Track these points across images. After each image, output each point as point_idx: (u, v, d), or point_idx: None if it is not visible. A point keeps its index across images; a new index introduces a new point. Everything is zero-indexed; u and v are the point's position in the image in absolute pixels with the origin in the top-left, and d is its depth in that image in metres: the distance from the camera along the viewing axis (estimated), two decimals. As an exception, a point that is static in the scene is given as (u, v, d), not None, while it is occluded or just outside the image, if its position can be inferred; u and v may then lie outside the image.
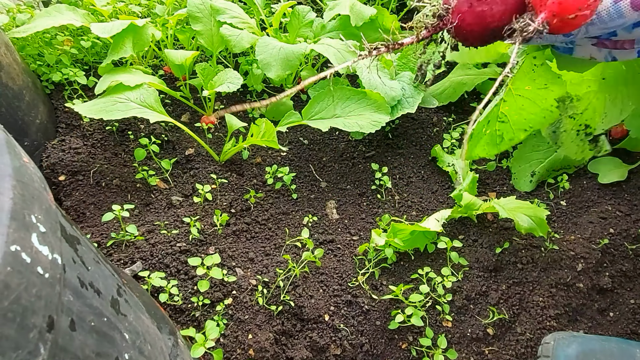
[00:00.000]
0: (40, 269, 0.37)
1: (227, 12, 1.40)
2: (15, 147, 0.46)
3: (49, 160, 1.21)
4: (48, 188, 0.50)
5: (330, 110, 1.24)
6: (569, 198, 1.24)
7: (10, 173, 0.40)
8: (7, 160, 0.41)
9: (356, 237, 1.15)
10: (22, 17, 1.41)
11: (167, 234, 1.07)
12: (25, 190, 0.41)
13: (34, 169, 0.48)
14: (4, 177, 0.39)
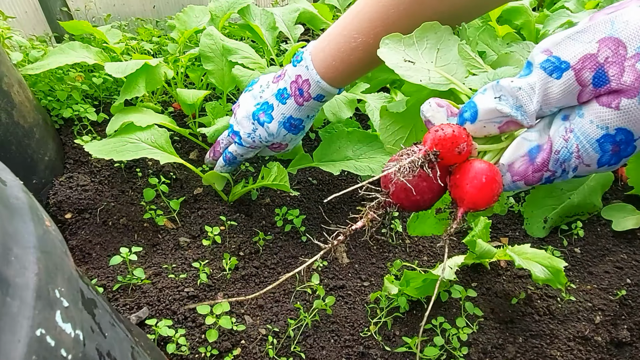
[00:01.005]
0: (63, 351, 0.35)
1: (238, 52, 1.42)
2: (37, 211, 0.45)
3: (55, 197, 1.20)
4: (68, 251, 0.48)
5: (341, 153, 1.24)
6: (583, 245, 1.22)
7: (34, 243, 0.39)
8: (31, 228, 0.40)
9: (367, 283, 1.12)
10: (36, 53, 1.43)
11: (174, 278, 1.05)
12: (49, 261, 0.39)
13: (55, 232, 0.46)
14: (28, 249, 0.38)
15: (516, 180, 0.49)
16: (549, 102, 0.46)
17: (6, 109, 1.11)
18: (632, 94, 0.40)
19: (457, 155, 0.47)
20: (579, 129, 0.45)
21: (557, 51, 0.45)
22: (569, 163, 0.46)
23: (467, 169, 0.48)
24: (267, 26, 1.58)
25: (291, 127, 1.08)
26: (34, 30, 1.80)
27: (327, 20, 1.76)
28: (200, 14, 1.59)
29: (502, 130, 0.49)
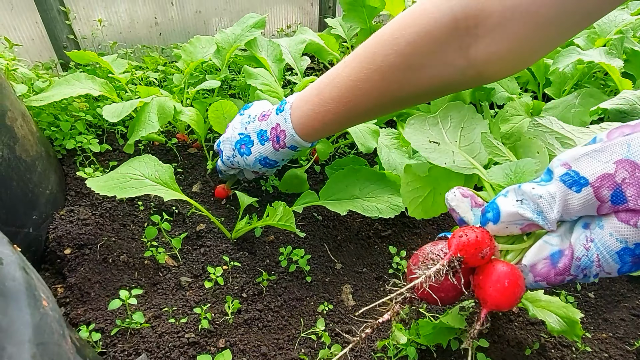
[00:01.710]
0: None
1: (258, 78, 1.41)
2: (35, 290, 0.42)
3: (55, 232, 1.17)
4: (66, 330, 0.45)
5: (348, 191, 1.21)
6: (597, 290, 1.19)
7: (29, 337, 0.36)
8: (26, 318, 0.37)
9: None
10: (41, 84, 1.42)
11: (175, 323, 1.01)
12: (45, 355, 0.36)
13: (53, 311, 0.43)
14: (22, 344, 0.35)
15: (538, 280, 0.52)
16: (569, 212, 0.48)
17: (8, 144, 1.09)
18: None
19: (480, 259, 0.50)
20: (599, 240, 0.47)
21: (576, 166, 0.47)
22: (590, 270, 0.49)
23: (490, 271, 0.50)
24: (273, 57, 1.57)
25: (267, 164, 1.16)
26: (40, 57, 1.80)
27: (333, 52, 1.76)
28: (206, 45, 1.59)
29: (524, 231, 0.52)
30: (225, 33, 1.56)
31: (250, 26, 1.55)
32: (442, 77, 0.80)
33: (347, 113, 0.91)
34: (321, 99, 0.95)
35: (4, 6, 1.62)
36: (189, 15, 2.08)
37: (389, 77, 0.83)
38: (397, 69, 0.81)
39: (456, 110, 0.85)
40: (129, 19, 1.94)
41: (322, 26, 2.49)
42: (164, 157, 1.53)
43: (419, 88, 0.84)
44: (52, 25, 1.74)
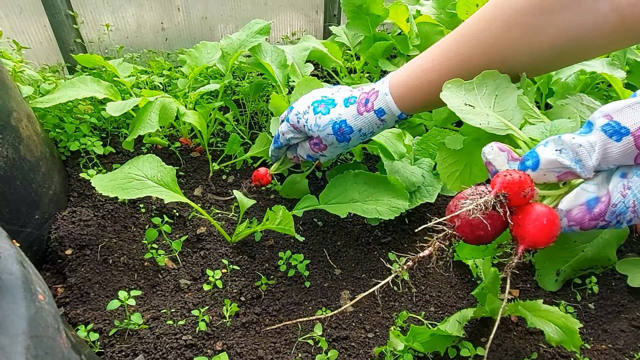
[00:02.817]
0: None
1: None
2: (31, 284, 0.42)
3: (57, 232, 1.18)
4: (61, 324, 0.46)
5: (348, 195, 1.22)
6: (597, 301, 1.18)
7: (24, 329, 0.36)
8: (22, 310, 0.38)
9: (371, 335, 1.08)
10: (47, 86, 1.43)
11: (172, 325, 1.01)
12: (38, 348, 0.37)
13: (48, 305, 0.44)
14: (17, 336, 0.35)
15: (572, 225, 0.54)
16: (608, 160, 0.51)
17: (13, 144, 1.11)
18: None
19: (522, 198, 0.52)
20: (637, 187, 0.50)
21: (618, 117, 0.49)
22: (624, 216, 0.51)
23: (529, 211, 0.53)
24: (277, 63, 1.59)
25: (339, 132, 1.04)
26: (47, 60, 1.83)
27: (336, 59, 1.77)
28: (211, 51, 1.61)
29: (560, 179, 0.55)
30: (230, 39, 1.57)
31: (255, 32, 1.57)
32: (578, 25, 0.69)
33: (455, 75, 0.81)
34: (427, 60, 0.88)
35: (13, 9, 1.65)
36: (195, 21, 2.10)
37: (514, 22, 0.72)
38: (526, 12, 0.71)
39: (492, 78, 0.84)
40: (136, 24, 1.96)
41: (326, 34, 2.51)
42: (166, 160, 1.54)
43: (546, 41, 0.73)
44: (60, 29, 1.77)
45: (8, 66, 1.35)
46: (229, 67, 1.53)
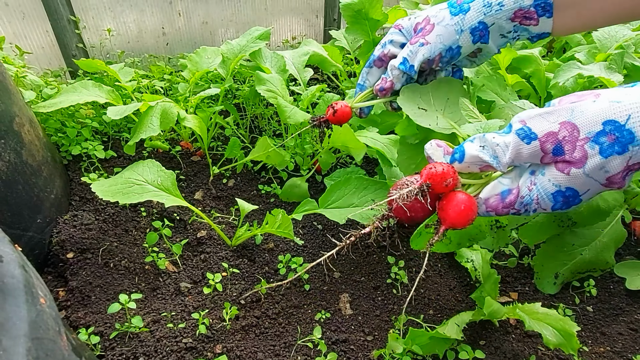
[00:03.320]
0: None
1: (266, 84, 1.43)
2: (33, 288, 0.43)
3: (59, 236, 1.19)
4: (62, 327, 0.47)
5: (347, 200, 1.22)
6: (595, 304, 1.18)
7: (25, 331, 0.37)
8: (23, 313, 0.39)
9: (370, 338, 1.09)
10: (49, 91, 1.45)
11: (173, 328, 1.02)
12: (39, 350, 0.38)
13: (50, 308, 0.45)
14: (18, 338, 0.36)
15: (489, 211, 0.63)
16: (519, 159, 0.60)
17: (15, 149, 1.12)
18: (579, 165, 0.55)
19: (444, 187, 0.61)
20: (540, 184, 0.59)
21: (530, 123, 0.58)
22: (530, 206, 0.60)
23: (451, 198, 0.62)
24: (277, 68, 1.60)
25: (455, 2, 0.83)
26: (49, 65, 1.84)
27: (336, 63, 1.79)
28: (212, 55, 1.62)
29: (482, 170, 0.64)
30: (230, 44, 1.59)
31: (256, 38, 1.58)
32: None
33: None
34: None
35: (15, 15, 1.66)
36: (196, 26, 2.12)
37: None
38: None
39: (447, 83, 0.91)
40: (137, 29, 1.98)
41: (327, 38, 2.52)
42: (167, 164, 1.55)
43: None
44: (62, 34, 1.79)
45: (11, 71, 1.36)
46: (230, 71, 1.54)
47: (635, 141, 0.52)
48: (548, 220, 1.15)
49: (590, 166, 0.55)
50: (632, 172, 0.56)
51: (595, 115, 0.54)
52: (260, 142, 1.42)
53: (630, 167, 0.54)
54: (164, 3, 1.97)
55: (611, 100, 0.54)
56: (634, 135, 0.52)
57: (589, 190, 0.58)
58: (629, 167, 0.54)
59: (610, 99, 0.54)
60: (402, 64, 0.85)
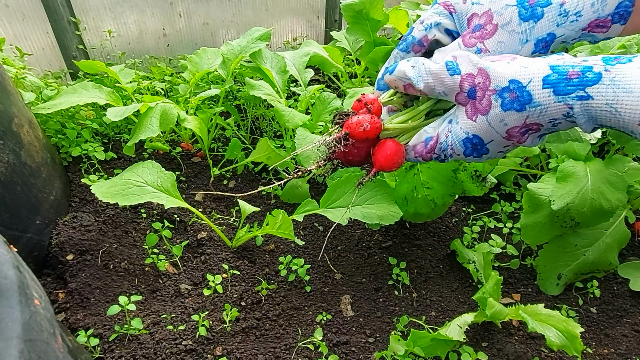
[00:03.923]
0: None
1: (260, 89, 1.42)
2: (27, 289, 0.42)
3: (58, 238, 1.18)
4: (57, 328, 0.46)
5: (347, 199, 1.21)
6: (599, 305, 1.17)
7: (18, 333, 0.36)
8: (16, 314, 0.38)
9: (372, 339, 1.08)
10: (49, 92, 1.44)
11: (173, 330, 1.01)
12: (32, 352, 0.37)
13: (44, 309, 0.44)
14: (11, 339, 0.35)
15: (417, 156, 0.69)
16: (439, 86, 0.64)
17: (14, 150, 1.11)
18: (484, 112, 0.60)
19: (363, 132, 0.66)
20: (454, 131, 0.64)
21: (459, 60, 0.63)
22: (446, 152, 0.66)
23: (381, 144, 0.68)
24: (277, 69, 1.59)
25: None
26: (50, 66, 1.84)
27: (337, 64, 1.78)
28: (212, 56, 1.62)
29: (406, 90, 0.68)
30: (231, 45, 1.58)
31: (256, 38, 1.58)
32: None
33: None
34: None
35: (16, 16, 1.66)
36: (197, 27, 2.12)
37: None
38: None
39: None
40: (138, 30, 1.98)
41: (328, 39, 2.52)
42: (168, 165, 1.55)
43: None
44: (63, 35, 1.78)
45: (10, 72, 1.36)
46: (230, 72, 1.53)
47: (532, 103, 0.58)
48: (551, 221, 1.14)
49: (491, 115, 0.61)
50: (532, 131, 0.61)
51: (505, 73, 0.60)
52: (261, 143, 1.41)
53: (529, 125, 0.60)
54: (165, 4, 1.97)
55: (521, 65, 0.60)
56: (532, 96, 0.58)
57: (493, 141, 0.64)
58: (527, 126, 0.60)
59: (521, 64, 0.60)
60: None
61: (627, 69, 0.54)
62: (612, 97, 0.54)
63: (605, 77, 0.55)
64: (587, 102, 0.56)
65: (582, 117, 0.57)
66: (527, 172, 1.49)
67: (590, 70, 0.56)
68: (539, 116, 0.59)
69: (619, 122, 0.55)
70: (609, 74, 0.55)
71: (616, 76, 0.54)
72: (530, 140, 0.63)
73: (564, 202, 1.08)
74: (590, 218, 1.09)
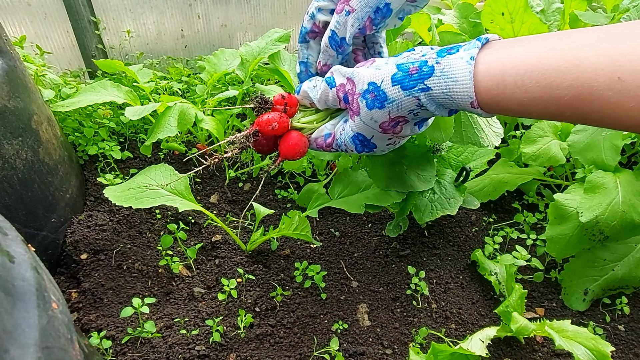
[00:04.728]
0: None
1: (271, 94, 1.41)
2: (45, 291, 0.40)
3: (73, 236, 1.17)
4: (74, 334, 0.44)
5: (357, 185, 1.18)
6: (627, 323, 1.12)
7: (35, 340, 0.34)
8: (33, 319, 0.36)
9: (389, 351, 1.04)
10: (68, 90, 1.44)
11: (186, 334, 0.99)
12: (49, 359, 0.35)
13: (62, 314, 0.42)
14: (27, 347, 0.33)
15: (318, 147, 0.78)
16: (327, 100, 0.74)
17: (33, 147, 1.11)
18: (357, 113, 0.68)
19: (271, 130, 0.74)
20: (345, 130, 0.72)
21: (334, 74, 0.73)
22: (342, 147, 0.74)
23: (286, 136, 0.76)
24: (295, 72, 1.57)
25: None
26: (69, 65, 1.85)
27: (356, 68, 1.76)
28: (230, 57, 1.60)
29: (312, 105, 0.78)
30: (249, 46, 1.57)
31: (275, 40, 1.56)
32: None
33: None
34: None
35: (37, 15, 1.67)
36: (215, 28, 2.11)
37: None
38: None
39: None
40: (157, 31, 1.98)
41: (345, 43, 2.49)
42: (183, 166, 1.53)
43: None
44: (82, 34, 1.79)
45: (30, 70, 1.36)
46: (248, 74, 1.52)
47: (387, 99, 0.64)
48: (578, 234, 1.10)
49: (362, 115, 0.67)
50: (402, 122, 0.67)
51: (364, 76, 0.67)
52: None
53: (394, 119, 0.66)
54: (184, 5, 1.97)
55: (376, 67, 0.67)
56: (386, 94, 0.64)
57: (374, 136, 0.70)
58: (393, 119, 0.66)
59: (376, 66, 0.67)
60: (331, 39, 0.77)
61: (453, 60, 0.59)
62: (444, 87, 0.59)
63: (437, 69, 0.60)
64: (429, 92, 0.61)
65: (431, 105, 0.62)
66: (550, 182, 1.45)
67: (425, 64, 0.61)
68: (397, 110, 0.65)
69: (458, 105, 0.61)
70: (439, 66, 0.60)
71: (444, 67, 0.59)
72: (406, 130, 0.70)
73: (593, 214, 1.04)
74: (621, 232, 1.05)
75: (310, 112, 0.80)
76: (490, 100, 0.58)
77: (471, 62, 0.57)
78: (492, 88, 0.57)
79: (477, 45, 0.59)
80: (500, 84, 0.56)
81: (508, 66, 0.56)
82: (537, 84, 0.54)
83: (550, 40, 0.56)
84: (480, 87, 0.58)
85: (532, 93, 0.55)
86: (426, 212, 1.15)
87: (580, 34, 0.54)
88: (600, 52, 0.50)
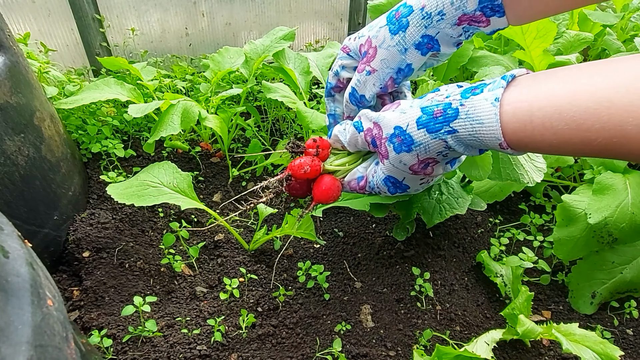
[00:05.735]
0: None
1: (277, 92, 1.39)
2: (40, 288, 0.39)
3: (75, 234, 1.16)
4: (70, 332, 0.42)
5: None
6: (636, 327, 1.10)
7: (27, 338, 0.33)
8: (27, 316, 0.34)
9: (393, 353, 1.03)
10: (71, 87, 1.44)
11: (187, 334, 0.98)
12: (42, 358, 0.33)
13: (57, 311, 0.41)
14: (19, 345, 0.32)
15: (350, 190, 0.79)
16: (357, 144, 0.75)
17: (35, 144, 1.10)
18: (386, 157, 0.69)
19: (304, 174, 0.74)
20: (377, 173, 0.73)
21: (362, 119, 0.74)
22: (374, 189, 0.75)
23: (319, 180, 0.76)
24: (300, 70, 1.56)
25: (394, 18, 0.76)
26: (73, 63, 1.84)
27: (361, 67, 1.74)
28: (234, 56, 1.60)
29: (344, 148, 0.80)
30: (254, 44, 1.56)
31: (280, 38, 1.55)
32: None
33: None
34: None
35: (41, 12, 1.67)
36: (219, 27, 2.11)
37: None
38: None
39: None
40: (161, 29, 1.97)
41: (350, 43, 2.48)
42: (186, 165, 1.53)
43: None
44: (87, 32, 1.79)
45: (34, 66, 1.36)
46: (252, 72, 1.51)
47: (414, 143, 0.64)
48: (586, 236, 1.08)
49: (391, 158, 0.68)
50: (432, 164, 0.67)
51: (390, 120, 0.67)
52: (281, 145, 1.38)
53: (423, 161, 0.66)
54: (188, 3, 1.96)
55: (401, 110, 0.67)
56: (412, 138, 0.64)
57: (406, 178, 0.71)
58: (422, 161, 0.66)
59: (401, 110, 0.67)
60: (351, 96, 0.82)
61: (477, 102, 0.58)
62: (471, 129, 0.59)
63: (461, 112, 0.59)
64: (456, 134, 0.60)
65: (459, 146, 0.62)
66: (558, 183, 1.43)
67: (450, 107, 0.61)
68: (425, 152, 0.64)
69: (486, 146, 0.60)
70: (464, 108, 0.59)
71: (469, 110, 0.58)
72: (437, 170, 0.69)
73: (601, 215, 1.02)
74: (630, 234, 1.03)
75: (343, 154, 0.81)
76: (519, 142, 0.56)
77: (496, 104, 0.56)
78: (520, 130, 0.55)
79: (502, 84, 0.57)
80: (528, 125, 0.54)
81: (535, 107, 0.53)
82: (567, 125, 0.51)
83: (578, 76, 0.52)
84: (508, 129, 0.56)
85: (561, 135, 0.52)
86: (435, 214, 1.14)
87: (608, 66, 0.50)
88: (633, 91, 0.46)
